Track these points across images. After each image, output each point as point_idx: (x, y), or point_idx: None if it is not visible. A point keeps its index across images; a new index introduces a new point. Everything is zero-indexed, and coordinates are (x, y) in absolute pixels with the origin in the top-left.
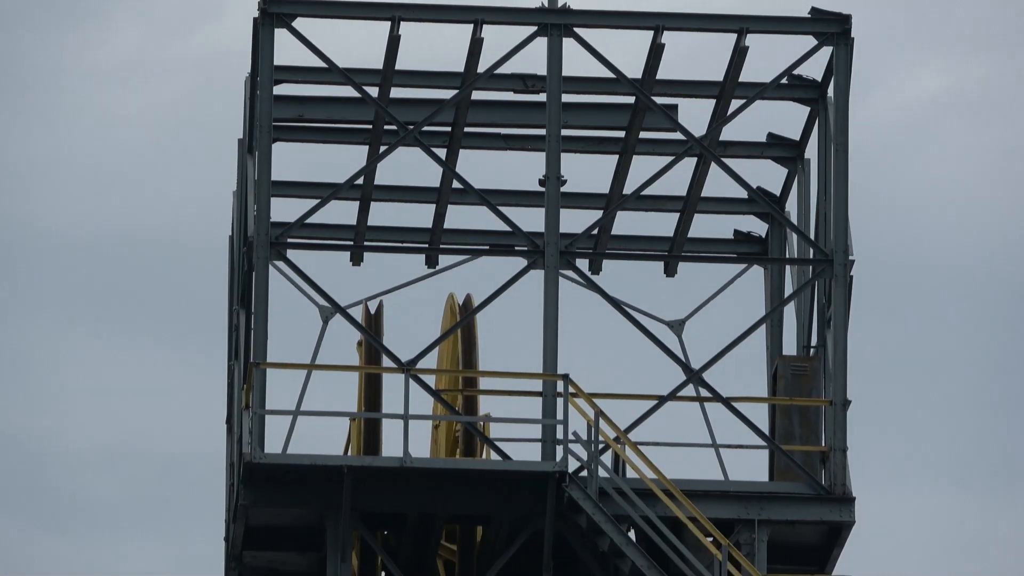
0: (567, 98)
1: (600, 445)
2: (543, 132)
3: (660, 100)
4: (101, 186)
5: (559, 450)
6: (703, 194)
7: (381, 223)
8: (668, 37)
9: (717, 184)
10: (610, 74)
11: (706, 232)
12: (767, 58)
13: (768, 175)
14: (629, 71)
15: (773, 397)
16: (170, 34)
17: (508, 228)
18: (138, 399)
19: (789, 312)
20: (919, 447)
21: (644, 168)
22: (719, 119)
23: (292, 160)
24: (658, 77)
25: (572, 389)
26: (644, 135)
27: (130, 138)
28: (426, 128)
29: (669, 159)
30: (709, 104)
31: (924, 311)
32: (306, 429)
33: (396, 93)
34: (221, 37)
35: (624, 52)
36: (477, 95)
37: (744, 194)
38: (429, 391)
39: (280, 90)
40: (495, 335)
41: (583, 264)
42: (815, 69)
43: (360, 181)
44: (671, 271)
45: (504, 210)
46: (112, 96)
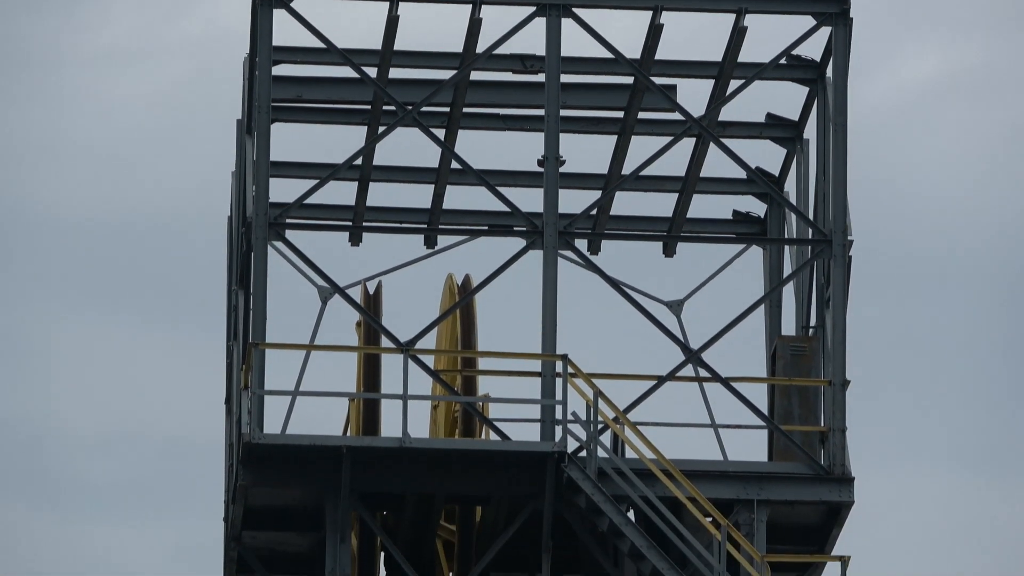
0: (566, 78)
1: (599, 425)
2: (542, 112)
3: (659, 80)
4: (99, 168)
5: (558, 430)
6: (702, 174)
7: (380, 203)
8: (667, 17)
9: (716, 164)
10: (609, 54)
11: (705, 212)
12: (766, 38)
13: (767, 155)
14: (628, 51)
15: (772, 377)
16: (169, 15)
17: (507, 208)
18: (137, 380)
19: (788, 292)
20: (918, 427)
21: (643, 148)
22: (718, 99)
23: (291, 141)
24: (657, 57)
25: (571, 369)
26: (643, 115)
27: (129, 119)
28: (425, 108)
29: (668, 139)
30: (708, 84)
31: (923, 291)
32: (305, 410)
33: (395, 73)
34: (220, 18)
35: (623, 32)
36: (476, 75)
37: (743, 174)
38: (428, 371)
39: (279, 70)
40: (494, 315)
41: (582, 244)
42: (814, 49)
43: (359, 161)
44: (670, 251)
45: (503, 190)
46: (111, 78)
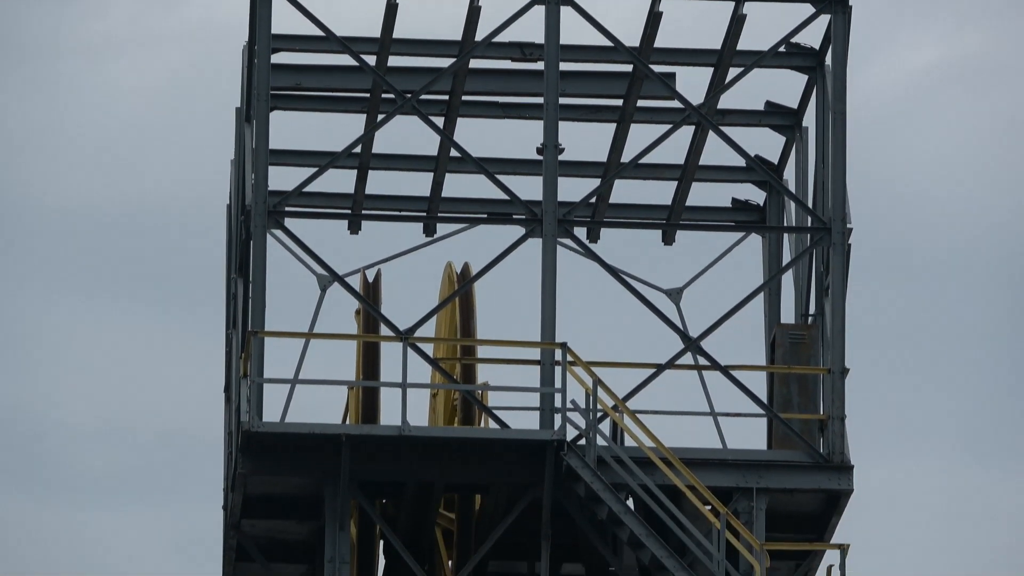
0: (565, 66)
1: (598, 413)
2: (541, 100)
3: (658, 68)
4: (98, 157)
5: (557, 418)
6: (701, 162)
7: (379, 191)
8: (666, 5)
9: (715, 152)
10: (608, 42)
11: (704, 200)
12: (765, 26)
13: (766, 143)
14: (627, 39)
15: (771, 365)
16: (167, 4)
17: (506, 196)
18: (136, 369)
19: (787, 280)
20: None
21: (642, 136)
22: (717, 87)
23: (290, 129)
24: (656, 45)
25: (570, 357)
26: (642, 103)
27: (127, 108)
28: (424, 96)
29: (667, 127)
30: (707, 72)
31: (922, 279)
32: (304, 398)
33: (394, 62)
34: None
35: (622, 20)
36: (475, 63)
37: (742, 162)
38: (427, 360)
39: (278, 59)
40: (493, 303)
41: (581, 232)
42: (813, 37)
43: (358, 150)
44: (669, 239)
45: (502, 178)
46: (109, 67)
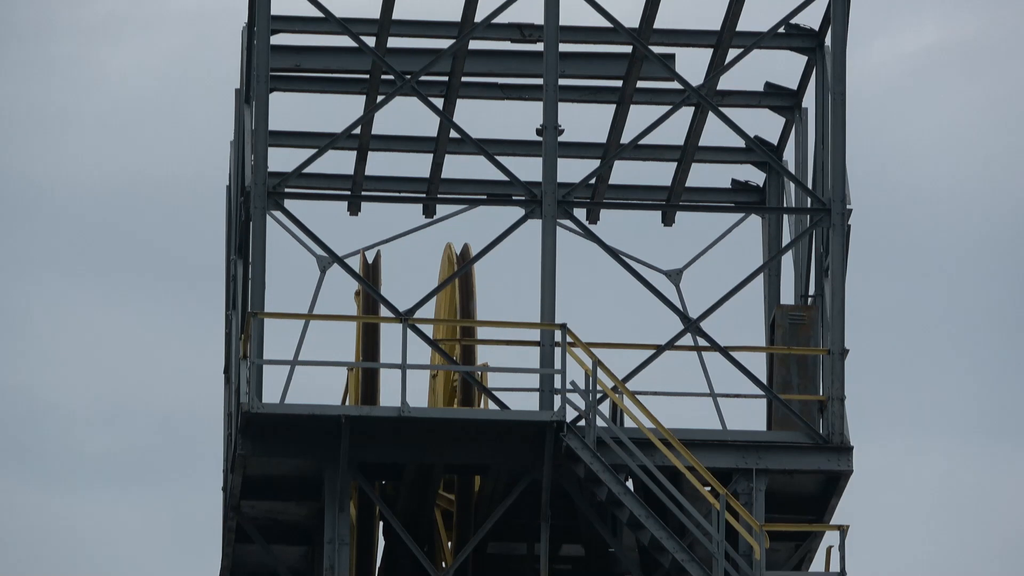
0: (564, 47)
1: (598, 394)
2: (540, 82)
3: (657, 49)
4: (98, 138)
5: (557, 399)
6: (701, 143)
7: (378, 173)
8: None
9: (715, 133)
10: (607, 23)
11: (704, 181)
12: (764, 7)
13: (766, 124)
14: (626, 20)
15: (771, 346)
16: None
17: (506, 178)
18: (136, 350)
19: (787, 261)
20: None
21: (642, 117)
22: (717, 68)
23: (289, 110)
24: (655, 26)
25: (570, 338)
26: (641, 84)
27: (127, 89)
28: (423, 78)
29: (667, 108)
30: (707, 53)
31: (922, 260)
32: (304, 379)
33: (393, 43)
34: None
35: (621, 1)
36: (474, 45)
37: (742, 143)
38: (427, 341)
39: (277, 40)
40: (493, 285)
41: (581, 213)
42: (813, 18)
43: (357, 131)
44: (669, 220)
45: (501, 160)
46: (109, 48)
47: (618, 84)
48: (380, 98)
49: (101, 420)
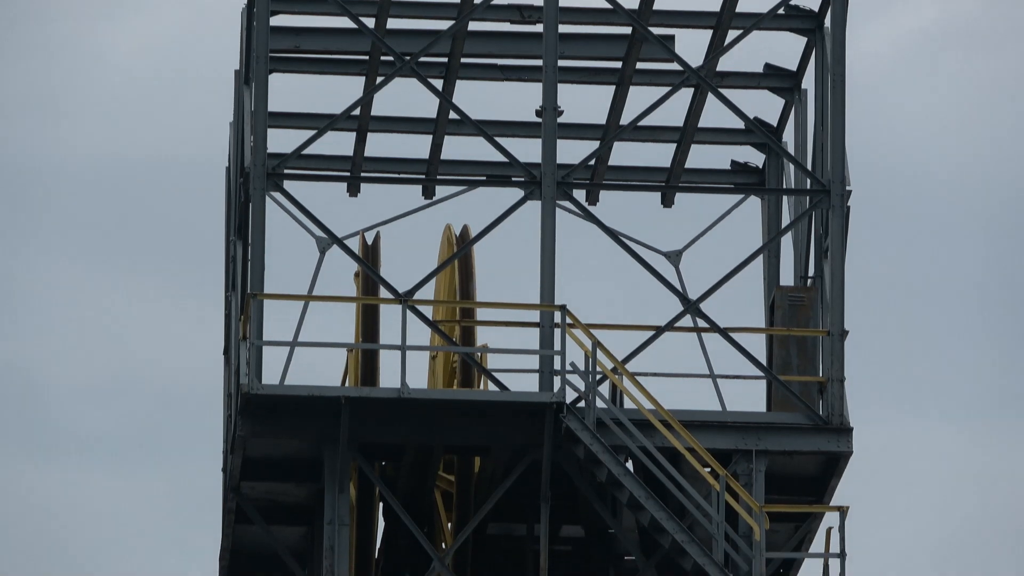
0: (564, 29)
1: (597, 376)
2: (540, 63)
3: (657, 31)
4: (97, 118)
5: (557, 381)
6: (700, 125)
7: (378, 154)
8: None
9: (714, 115)
10: (607, 4)
11: (703, 163)
12: None
13: (765, 106)
14: (626, 1)
15: (770, 328)
16: None
17: (505, 159)
18: (135, 330)
19: (786, 242)
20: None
21: (641, 99)
22: (716, 49)
23: (289, 91)
24: (655, 7)
25: (569, 320)
26: (641, 66)
27: (126, 70)
28: (423, 59)
29: (666, 90)
30: (706, 35)
31: (921, 241)
32: (303, 360)
33: (393, 24)
34: None
35: None
36: (473, 26)
37: (741, 125)
38: (426, 322)
39: (277, 21)
40: (492, 266)
41: (580, 195)
42: None
43: (357, 112)
44: (668, 202)
45: (501, 141)
46: (108, 28)
47: (617, 65)
48: (379, 79)
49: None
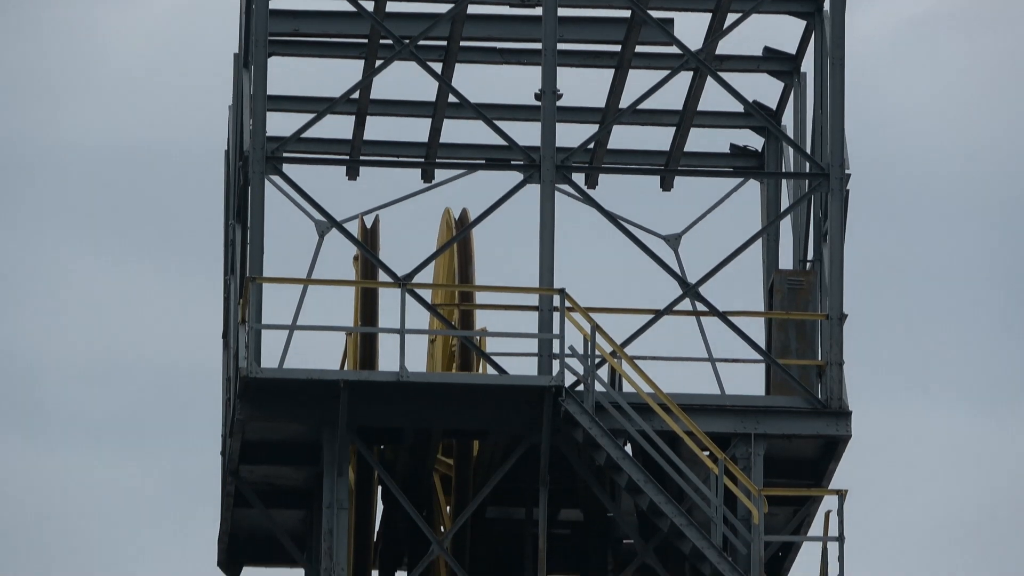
0: (563, 12)
1: (596, 359)
2: (539, 46)
3: (656, 14)
4: (96, 102)
5: (555, 364)
6: (699, 108)
7: (377, 138)
8: None
9: (713, 98)
10: None
11: (702, 146)
12: None
13: (764, 89)
14: None
15: (769, 311)
16: None
17: (504, 142)
18: (134, 314)
19: (785, 226)
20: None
21: (640, 82)
22: (715, 33)
23: (288, 74)
24: None
25: (568, 303)
26: (640, 49)
27: (125, 53)
28: (422, 42)
29: (665, 73)
30: (705, 18)
31: (920, 224)
32: (302, 344)
33: (392, 7)
34: None
35: None
36: (473, 9)
37: (740, 108)
38: (425, 306)
39: (276, 4)
40: (491, 249)
41: (579, 178)
42: None
43: (356, 95)
44: (667, 185)
45: (500, 124)
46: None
47: (617, 48)
48: (379, 62)
49: (99, 384)
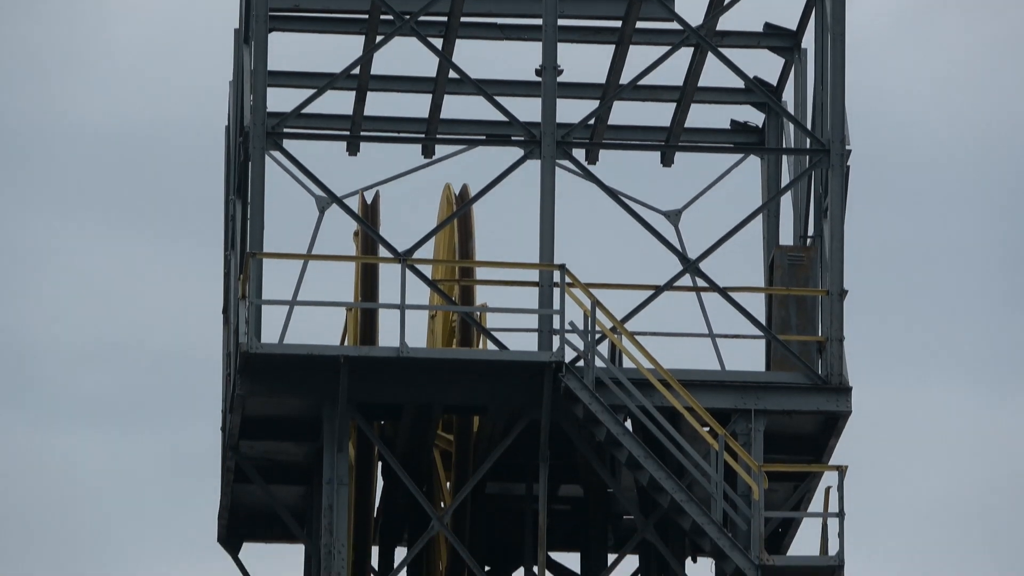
0: None
1: (597, 335)
2: (540, 22)
3: None
4: (96, 79)
5: (556, 340)
6: (700, 84)
7: (377, 113)
8: None
9: (714, 74)
10: None
11: (703, 122)
12: None
13: (765, 65)
14: None
15: (770, 287)
16: None
17: (505, 118)
18: (134, 290)
19: (786, 202)
20: (916, 336)
21: (641, 58)
22: (716, 8)
23: (288, 50)
24: None
25: (568, 279)
26: (641, 25)
27: (126, 29)
28: (423, 18)
29: (666, 49)
30: None
31: (921, 200)
32: (303, 319)
33: None
34: None
35: None
36: None
37: (741, 84)
38: (426, 281)
39: None
40: (491, 225)
41: (580, 154)
42: None
43: (356, 71)
44: (668, 161)
45: (501, 100)
46: None
47: (617, 24)
48: (379, 38)
49: (99, 360)
